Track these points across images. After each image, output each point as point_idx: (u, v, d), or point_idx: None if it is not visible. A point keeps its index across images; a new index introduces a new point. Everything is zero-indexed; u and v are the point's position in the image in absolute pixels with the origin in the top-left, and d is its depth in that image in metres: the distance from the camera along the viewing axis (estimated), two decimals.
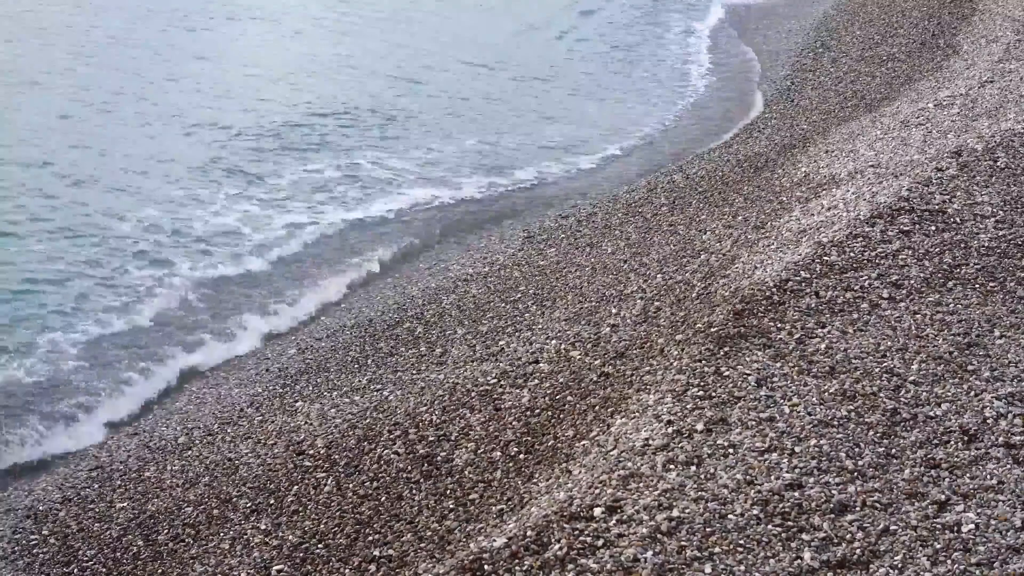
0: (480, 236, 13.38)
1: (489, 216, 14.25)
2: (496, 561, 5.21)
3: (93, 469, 8.46)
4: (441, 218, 14.21)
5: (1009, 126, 11.46)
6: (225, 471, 8.07)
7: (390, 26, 24.49)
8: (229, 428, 8.82)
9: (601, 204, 13.51)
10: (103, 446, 8.94)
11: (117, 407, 9.55)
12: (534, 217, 13.77)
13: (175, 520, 7.59)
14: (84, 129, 16.29)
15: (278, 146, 16.22)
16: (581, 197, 14.47)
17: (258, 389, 9.54)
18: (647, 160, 16.47)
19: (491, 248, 12.51)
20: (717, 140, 16.81)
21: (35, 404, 9.38)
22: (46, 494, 8.16)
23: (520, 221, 13.74)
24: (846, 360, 6.81)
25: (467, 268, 11.78)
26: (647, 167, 15.91)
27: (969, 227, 8.84)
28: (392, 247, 13.19)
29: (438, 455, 7.45)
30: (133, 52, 20.66)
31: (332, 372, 9.60)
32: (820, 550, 5.13)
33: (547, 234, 12.48)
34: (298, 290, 11.97)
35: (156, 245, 12.64)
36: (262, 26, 24.00)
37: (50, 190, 13.84)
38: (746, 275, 8.56)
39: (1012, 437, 6.03)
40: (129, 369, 10.07)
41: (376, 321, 10.58)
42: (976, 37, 18.52)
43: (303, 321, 11.34)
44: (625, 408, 6.84)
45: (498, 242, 12.75)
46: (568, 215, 13.25)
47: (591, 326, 9.01)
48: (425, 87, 19.94)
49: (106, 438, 9.14)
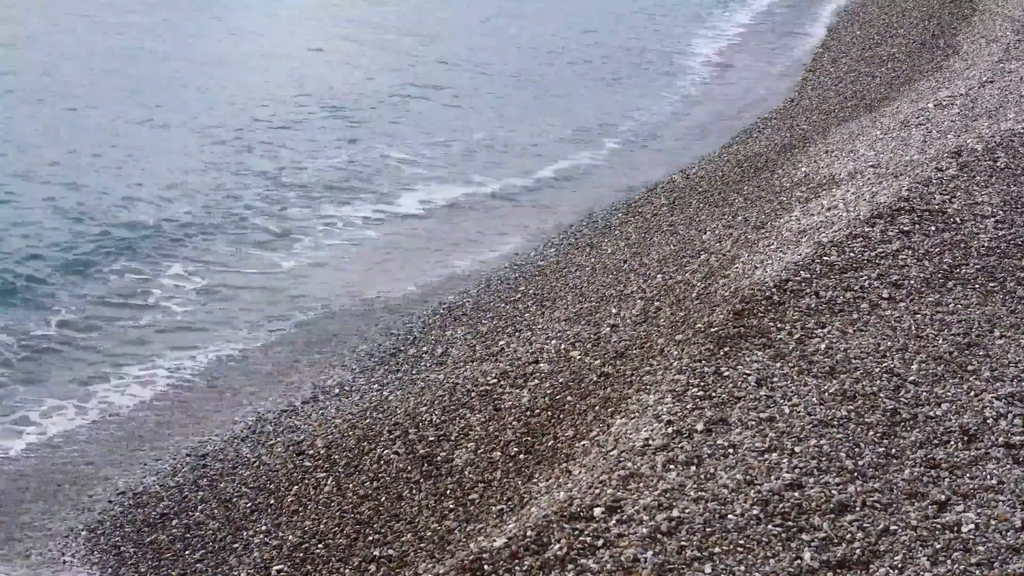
0: (480, 235, 13.39)
1: (491, 213, 14.28)
2: (496, 561, 5.21)
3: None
4: (442, 216, 14.22)
5: (1009, 126, 11.46)
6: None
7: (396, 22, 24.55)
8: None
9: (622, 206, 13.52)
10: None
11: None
12: (539, 215, 13.78)
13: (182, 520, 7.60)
14: (99, 118, 16.38)
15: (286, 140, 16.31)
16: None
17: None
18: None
19: (491, 248, 12.51)
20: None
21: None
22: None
23: (521, 220, 13.75)
24: (846, 360, 6.81)
25: (467, 268, 11.78)
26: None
27: (969, 227, 8.84)
28: (392, 244, 13.20)
29: (438, 455, 7.45)
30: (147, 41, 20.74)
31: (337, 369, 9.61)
32: (820, 550, 5.13)
33: (546, 234, 12.48)
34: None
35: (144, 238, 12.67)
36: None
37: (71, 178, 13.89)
38: (746, 275, 8.56)
39: (1012, 437, 6.03)
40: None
41: (377, 321, 10.59)
42: (976, 37, 18.52)
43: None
44: (625, 408, 6.84)
45: (498, 241, 12.76)
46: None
47: (591, 326, 9.01)
48: (435, 81, 20.00)
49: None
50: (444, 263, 12.41)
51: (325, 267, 12.57)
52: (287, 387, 9.51)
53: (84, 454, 8.67)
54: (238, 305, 11.47)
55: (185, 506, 7.75)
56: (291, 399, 9.19)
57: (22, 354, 10.07)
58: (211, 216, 13.54)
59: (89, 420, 9.19)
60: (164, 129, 16.57)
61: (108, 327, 10.77)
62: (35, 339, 10.35)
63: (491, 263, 11.80)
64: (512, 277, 11.13)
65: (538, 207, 14.46)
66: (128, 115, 17.11)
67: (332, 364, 9.79)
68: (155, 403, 9.48)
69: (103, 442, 8.84)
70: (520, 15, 26.53)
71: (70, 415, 9.26)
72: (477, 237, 13.38)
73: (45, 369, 9.93)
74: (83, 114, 16.95)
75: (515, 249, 12.15)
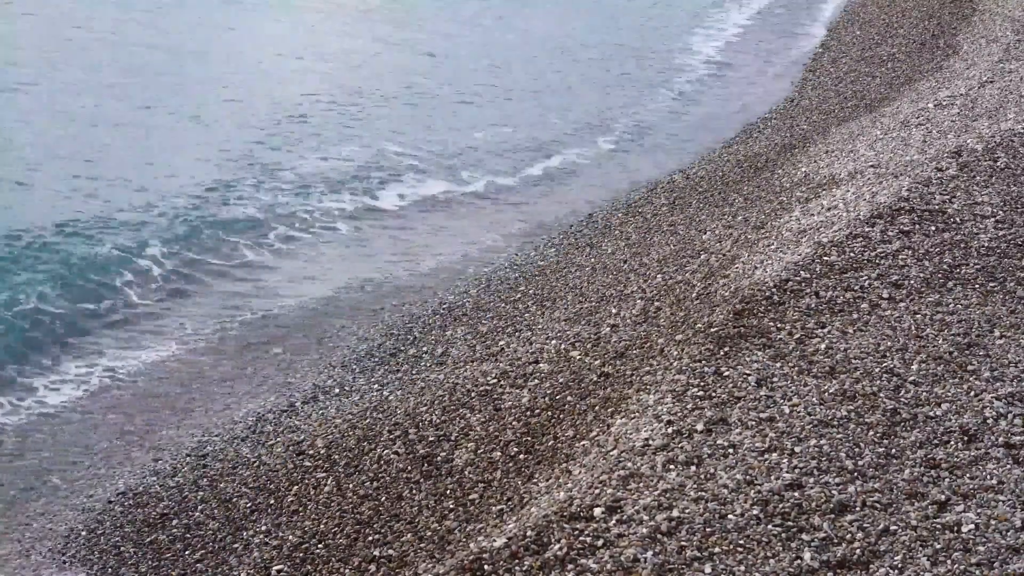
0: (481, 233, 13.39)
1: (491, 212, 14.30)
2: (496, 561, 5.21)
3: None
4: (442, 214, 14.23)
5: (1009, 126, 11.46)
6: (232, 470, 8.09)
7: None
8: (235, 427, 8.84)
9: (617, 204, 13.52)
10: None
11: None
12: (541, 215, 13.79)
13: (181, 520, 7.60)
14: (110, 110, 16.42)
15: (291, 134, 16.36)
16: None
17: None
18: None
19: (491, 247, 12.51)
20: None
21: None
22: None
23: (522, 218, 13.75)
24: (846, 360, 6.81)
25: (467, 268, 11.78)
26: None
27: (969, 227, 8.84)
28: (392, 243, 13.20)
29: (438, 455, 7.45)
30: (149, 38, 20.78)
31: (337, 369, 9.61)
32: (820, 550, 5.13)
33: (546, 234, 12.48)
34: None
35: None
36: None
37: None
38: (746, 275, 8.56)
39: (1012, 437, 6.03)
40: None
41: (377, 321, 10.59)
42: (976, 37, 18.53)
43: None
44: (625, 408, 6.84)
45: (499, 241, 12.76)
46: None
47: (591, 326, 9.01)
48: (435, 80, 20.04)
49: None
50: (444, 262, 12.41)
51: (325, 266, 12.57)
52: (287, 387, 9.51)
53: (81, 449, 8.67)
54: (235, 301, 11.49)
55: (185, 506, 7.75)
56: (291, 399, 9.18)
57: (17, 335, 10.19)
58: (209, 209, 13.55)
59: (80, 412, 9.21)
60: (164, 126, 16.59)
61: (94, 315, 10.84)
62: (24, 319, 10.44)
63: (491, 262, 11.80)
64: (512, 277, 11.13)
65: (538, 206, 14.47)
66: (128, 105, 17.12)
67: (332, 364, 9.79)
68: (143, 394, 9.50)
69: (94, 434, 8.85)
70: (519, 15, 26.54)
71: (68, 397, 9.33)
72: (477, 236, 13.38)
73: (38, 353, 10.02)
74: (79, 103, 16.96)
75: (515, 248, 12.15)
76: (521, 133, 17.64)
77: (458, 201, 14.73)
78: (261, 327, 11.18)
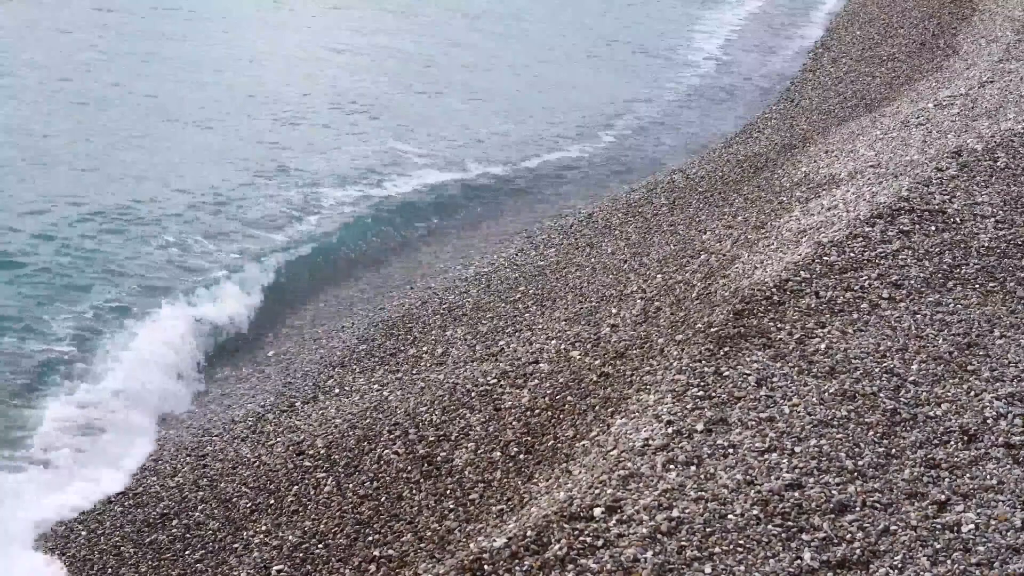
0: (480, 233, 13.39)
1: (493, 208, 14.34)
2: (496, 561, 5.21)
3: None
4: (442, 213, 14.24)
5: (1009, 126, 11.46)
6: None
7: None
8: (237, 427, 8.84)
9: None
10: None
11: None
12: (538, 214, 13.78)
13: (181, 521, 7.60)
14: (121, 113, 16.45)
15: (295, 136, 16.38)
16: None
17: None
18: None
19: (492, 247, 12.51)
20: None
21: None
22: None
23: (520, 217, 13.75)
24: (846, 360, 6.81)
25: (467, 268, 11.78)
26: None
27: (969, 227, 8.84)
28: (392, 243, 13.21)
29: (438, 455, 7.45)
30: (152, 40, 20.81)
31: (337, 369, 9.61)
32: (820, 550, 5.13)
33: (546, 234, 12.48)
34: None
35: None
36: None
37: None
38: (746, 275, 8.56)
39: (1012, 437, 6.03)
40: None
41: (377, 320, 10.58)
42: (976, 37, 18.52)
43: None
44: (625, 408, 6.84)
45: (499, 241, 12.75)
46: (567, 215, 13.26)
47: (591, 326, 9.01)
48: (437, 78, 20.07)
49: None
50: (444, 262, 12.41)
51: (324, 265, 12.58)
52: (287, 387, 9.51)
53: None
54: (236, 301, 11.50)
55: (185, 506, 7.75)
56: (291, 399, 9.18)
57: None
58: (209, 209, 13.54)
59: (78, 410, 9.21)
60: (163, 124, 16.58)
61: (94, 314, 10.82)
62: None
63: (492, 262, 11.79)
64: (512, 277, 11.12)
65: (538, 204, 14.47)
66: (134, 106, 17.12)
67: (332, 364, 9.79)
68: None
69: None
70: (520, 16, 26.55)
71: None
72: (476, 235, 13.39)
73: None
74: (83, 104, 16.96)
75: (515, 248, 12.14)
76: (525, 130, 17.65)
77: (458, 201, 14.73)
78: (261, 327, 11.20)
